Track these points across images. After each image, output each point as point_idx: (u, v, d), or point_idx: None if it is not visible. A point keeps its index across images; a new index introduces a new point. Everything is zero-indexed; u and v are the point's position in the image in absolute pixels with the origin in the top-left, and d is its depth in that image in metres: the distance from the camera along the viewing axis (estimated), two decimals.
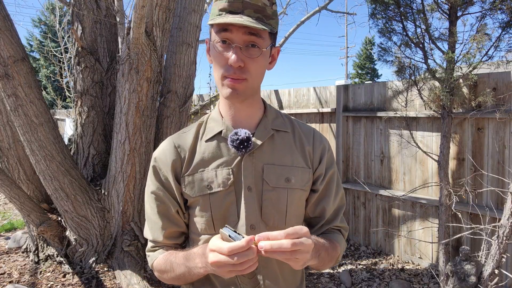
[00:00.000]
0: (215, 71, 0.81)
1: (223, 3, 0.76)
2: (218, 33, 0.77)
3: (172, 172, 0.86)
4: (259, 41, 0.77)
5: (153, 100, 3.16)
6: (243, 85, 0.79)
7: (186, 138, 0.89)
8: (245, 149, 0.82)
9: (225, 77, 0.78)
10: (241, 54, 0.76)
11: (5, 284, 2.94)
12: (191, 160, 0.86)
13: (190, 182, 0.85)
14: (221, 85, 0.81)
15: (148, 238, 0.91)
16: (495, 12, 2.76)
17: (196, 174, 0.85)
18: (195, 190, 0.84)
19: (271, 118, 0.91)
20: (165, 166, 0.86)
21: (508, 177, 2.83)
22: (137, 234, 3.24)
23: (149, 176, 0.90)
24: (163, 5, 2.93)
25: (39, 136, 2.86)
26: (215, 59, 0.80)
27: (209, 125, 0.89)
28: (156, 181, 0.87)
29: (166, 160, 0.87)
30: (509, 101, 2.93)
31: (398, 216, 3.75)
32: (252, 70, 0.79)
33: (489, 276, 2.25)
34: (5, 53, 2.71)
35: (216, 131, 0.86)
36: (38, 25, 19.77)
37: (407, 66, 3.11)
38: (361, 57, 28.20)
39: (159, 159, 0.88)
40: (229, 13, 0.75)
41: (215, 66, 0.81)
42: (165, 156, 0.87)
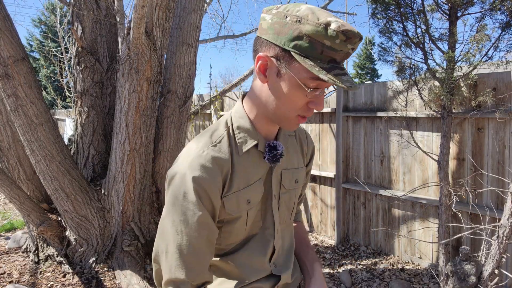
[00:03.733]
0: (284, 106, 0.75)
1: (331, 51, 0.68)
2: (312, 80, 0.70)
3: (218, 193, 0.76)
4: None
5: (153, 100, 3.16)
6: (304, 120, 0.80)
7: (222, 151, 0.78)
8: (279, 161, 0.84)
9: (299, 116, 0.76)
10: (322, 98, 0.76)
11: (5, 284, 2.94)
12: (232, 176, 0.78)
13: (232, 201, 0.79)
14: (288, 119, 0.77)
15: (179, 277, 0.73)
16: (495, 12, 2.76)
17: (238, 191, 0.79)
18: (238, 208, 0.80)
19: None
20: (212, 188, 0.74)
21: (508, 177, 2.83)
22: (137, 234, 3.24)
23: (189, 201, 0.72)
24: (163, 5, 2.93)
25: (39, 136, 2.86)
26: (292, 97, 0.73)
27: (240, 135, 0.81)
28: (203, 207, 0.73)
29: (209, 181, 0.74)
30: (509, 101, 2.93)
31: (398, 216, 3.75)
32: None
33: (489, 276, 2.25)
34: (5, 53, 2.71)
35: (251, 143, 0.81)
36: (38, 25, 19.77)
37: (407, 66, 3.12)
38: (361, 57, 28.20)
39: (202, 180, 0.73)
40: (331, 62, 0.69)
41: (288, 103, 0.74)
42: (209, 176, 0.74)
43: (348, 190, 4.17)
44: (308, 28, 0.66)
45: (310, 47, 0.67)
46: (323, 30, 0.65)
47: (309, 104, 0.73)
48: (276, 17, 0.71)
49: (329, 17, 0.67)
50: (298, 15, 0.68)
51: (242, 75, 5.46)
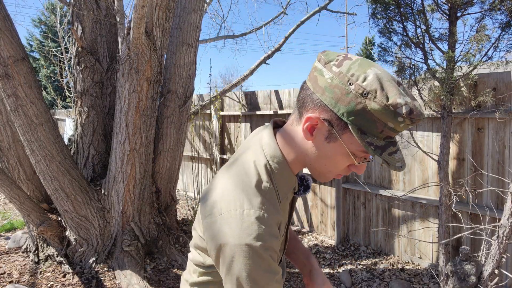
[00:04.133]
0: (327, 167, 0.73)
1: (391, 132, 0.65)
2: (363, 152, 0.68)
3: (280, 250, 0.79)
4: None
5: (153, 100, 3.16)
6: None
7: (275, 207, 0.72)
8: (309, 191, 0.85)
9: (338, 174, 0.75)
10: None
11: (5, 284, 2.94)
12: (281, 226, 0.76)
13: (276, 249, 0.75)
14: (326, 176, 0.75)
15: None
16: (495, 12, 2.76)
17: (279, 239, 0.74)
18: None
19: None
20: (278, 249, 0.71)
21: (508, 177, 2.83)
22: (137, 234, 3.24)
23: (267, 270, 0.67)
24: (163, 5, 2.93)
25: (39, 136, 2.86)
26: (338, 162, 0.71)
27: (282, 185, 0.76)
28: (277, 266, 0.70)
29: (276, 239, 0.69)
30: (509, 101, 2.93)
31: (398, 216, 3.75)
32: None
33: (489, 276, 2.25)
34: (5, 53, 2.71)
35: (291, 189, 0.78)
36: (38, 25, 19.77)
37: (407, 66, 3.12)
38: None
39: (272, 244, 0.68)
40: (386, 139, 0.66)
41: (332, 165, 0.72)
42: (275, 236, 0.69)
43: (348, 190, 4.17)
44: (374, 107, 0.62)
45: (371, 125, 0.64)
46: (391, 114, 0.62)
47: (351, 167, 0.72)
48: (338, 80, 0.64)
49: (398, 98, 0.62)
50: (364, 87, 0.62)
51: (242, 75, 5.46)
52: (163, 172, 3.51)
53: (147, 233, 3.35)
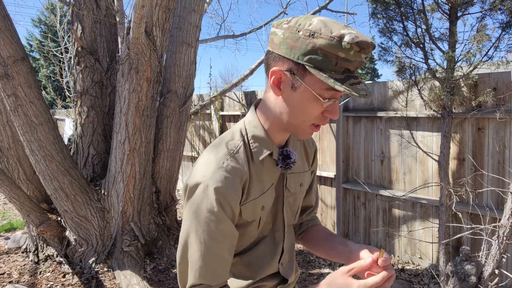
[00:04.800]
0: (299, 116, 0.77)
1: (345, 63, 0.69)
2: (327, 90, 0.72)
3: (238, 202, 0.79)
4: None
5: (153, 100, 3.16)
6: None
7: (240, 161, 0.80)
8: (291, 167, 0.86)
9: (314, 124, 0.78)
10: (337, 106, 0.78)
11: (5, 284, 2.94)
12: (250, 185, 0.81)
13: (249, 208, 0.82)
14: (302, 129, 0.79)
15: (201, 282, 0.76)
16: (495, 12, 2.76)
17: (254, 199, 0.82)
18: (253, 214, 0.84)
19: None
20: (233, 198, 0.76)
21: (508, 177, 2.82)
22: (137, 234, 3.24)
23: (212, 212, 0.74)
24: (163, 5, 2.92)
25: (38, 136, 2.86)
26: (308, 108, 0.75)
27: (255, 145, 0.83)
28: (226, 216, 0.76)
29: (231, 193, 0.76)
30: (509, 101, 2.93)
31: (398, 216, 3.74)
32: None
33: (489, 276, 2.25)
34: (5, 53, 2.71)
35: (266, 152, 0.83)
36: (38, 25, 19.77)
37: (407, 66, 3.11)
38: None
39: (225, 191, 0.75)
40: (345, 72, 0.71)
41: (303, 113, 0.76)
42: (231, 186, 0.76)
43: (348, 190, 4.17)
44: (321, 42, 0.68)
45: (324, 60, 0.69)
46: (337, 43, 0.67)
47: (324, 113, 0.75)
48: (288, 32, 0.72)
49: (342, 30, 0.68)
50: (310, 29, 0.69)
51: (242, 75, 5.45)
52: (163, 172, 3.51)
53: (147, 233, 3.35)
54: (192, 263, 0.77)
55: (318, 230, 1.07)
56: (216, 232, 0.75)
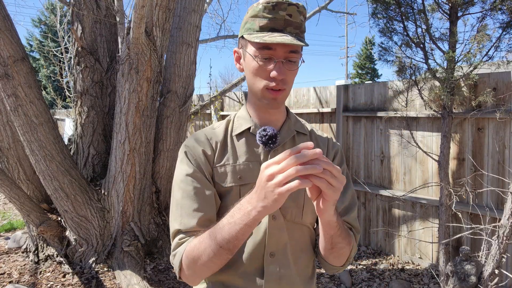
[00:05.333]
0: (254, 82, 0.86)
1: (265, 20, 0.80)
2: (260, 49, 0.81)
3: (205, 159, 0.89)
4: (297, 56, 0.84)
5: (153, 100, 3.16)
6: (283, 95, 0.87)
7: (217, 132, 0.94)
8: (273, 144, 0.87)
9: (267, 88, 0.84)
10: (283, 68, 0.82)
11: (5, 284, 2.94)
12: (223, 152, 0.91)
13: (222, 173, 0.89)
14: (261, 95, 0.86)
15: (175, 228, 0.85)
16: (495, 12, 2.76)
17: (228, 165, 0.89)
18: (228, 180, 0.88)
19: (293, 121, 0.99)
20: (198, 153, 0.89)
21: (508, 177, 2.82)
22: (137, 234, 3.24)
23: (181, 162, 0.90)
24: (163, 5, 2.93)
25: (39, 136, 2.86)
26: (255, 72, 0.85)
27: (238, 122, 0.94)
28: (192, 164, 0.88)
29: (198, 147, 0.90)
30: (509, 101, 2.93)
31: (398, 216, 3.74)
32: (289, 81, 0.86)
33: (489, 276, 2.25)
34: (5, 53, 2.71)
35: (245, 127, 0.92)
36: (38, 25, 19.77)
37: (407, 66, 3.11)
38: (361, 57, 28.19)
39: (191, 146, 0.90)
40: (271, 31, 0.80)
41: (254, 77, 0.86)
42: (198, 144, 0.91)
43: None
44: (250, 13, 0.83)
45: (253, 24, 0.82)
46: (256, 8, 0.81)
47: (271, 74, 0.82)
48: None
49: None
50: (249, 8, 0.84)
51: (242, 75, 5.45)
52: (163, 172, 3.51)
53: (147, 233, 3.35)
54: (171, 209, 0.88)
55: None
56: (183, 178, 0.86)
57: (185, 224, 0.84)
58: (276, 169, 0.63)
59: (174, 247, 0.85)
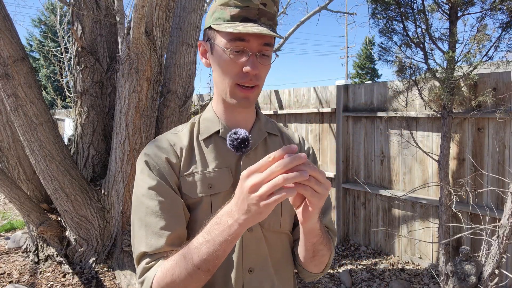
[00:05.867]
0: (223, 78, 0.78)
1: (236, 9, 0.73)
2: (232, 41, 0.74)
3: (169, 168, 0.79)
4: (270, 49, 0.77)
5: (153, 100, 3.16)
6: (255, 93, 0.79)
7: (181, 137, 0.84)
8: (245, 148, 0.80)
9: (238, 85, 0.76)
10: (257, 62, 0.75)
11: (5, 284, 2.94)
12: (189, 159, 0.81)
13: (191, 182, 0.79)
14: (230, 93, 0.78)
15: (141, 251, 0.73)
16: (495, 12, 2.76)
17: (197, 174, 0.80)
18: (197, 191, 0.79)
19: (264, 121, 0.91)
20: (161, 162, 0.79)
21: (508, 177, 2.82)
22: None
23: (141, 173, 0.79)
24: (163, 5, 2.93)
25: (39, 136, 2.86)
26: (225, 66, 0.76)
27: (204, 125, 0.85)
28: (154, 175, 0.77)
29: (161, 155, 0.80)
30: (509, 101, 2.93)
31: (398, 216, 3.74)
32: (262, 77, 0.79)
33: (489, 276, 2.25)
34: (5, 53, 2.71)
35: (213, 130, 0.83)
36: (38, 25, 19.77)
37: (407, 66, 3.11)
38: (361, 57, 28.20)
39: (153, 154, 0.80)
40: (244, 21, 0.73)
41: (223, 73, 0.77)
42: (160, 151, 0.81)
43: (348, 190, 4.17)
44: (219, 1, 0.76)
45: (222, 14, 0.74)
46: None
47: (244, 69, 0.74)
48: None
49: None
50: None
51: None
52: None
53: None
54: (133, 231, 0.76)
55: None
56: (145, 192, 0.76)
57: (152, 245, 0.73)
58: (259, 178, 0.54)
59: (140, 273, 0.73)
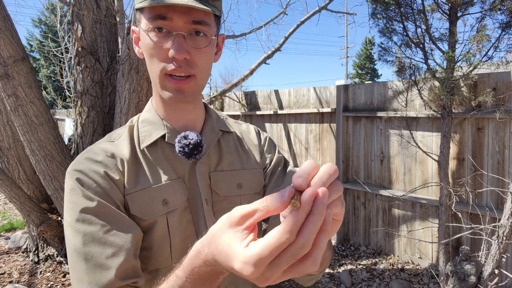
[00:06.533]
0: (150, 67, 0.65)
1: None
2: (152, 20, 0.61)
3: (111, 185, 0.63)
4: (206, 29, 0.63)
5: None
6: (192, 84, 0.65)
7: (118, 146, 0.68)
8: (198, 155, 0.67)
9: (167, 74, 0.64)
10: (186, 44, 0.62)
11: (5, 284, 2.94)
12: (135, 173, 0.66)
13: (140, 201, 0.64)
14: (160, 85, 0.65)
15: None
16: (495, 12, 2.76)
17: (147, 190, 0.65)
18: (150, 209, 0.64)
19: (215, 118, 0.78)
20: (99, 178, 0.62)
21: (508, 177, 2.83)
22: None
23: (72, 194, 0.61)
24: None
25: (39, 136, 2.86)
26: (149, 52, 0.64)
27: (145, 129, 0.71)
28: (91, 195, 0.60)
29: (97, 169, 0.63)
30: (509, 101, 2.93)
31: (398, 216, 3.75)
32: (200, 64, 0.64)
33: (489, 276, 2.25)
34: (5, 53, 2.71)
35: (156, 135, 0.69)
36: (38, 25, 19.77)
37: (407, 66, 3.12)
38: (361, 57, 28.21)
39: (86, 169, 0.62)
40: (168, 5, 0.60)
41: (150, 61, 0.65)
42: (95, 165, 0.63)
43: (348, 190, 4.17)
44: None
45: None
46: None
47: (169, 53, 0.61)
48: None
49: None
50: None
51: (242, 75, 5.45)
52: None
53: None
54: (71, 265, 0.59)
55: None
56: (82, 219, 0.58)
57: (98, 281, 0.55)
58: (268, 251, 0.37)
59: None
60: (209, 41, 0.64)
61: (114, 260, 0.56)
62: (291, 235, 0.36)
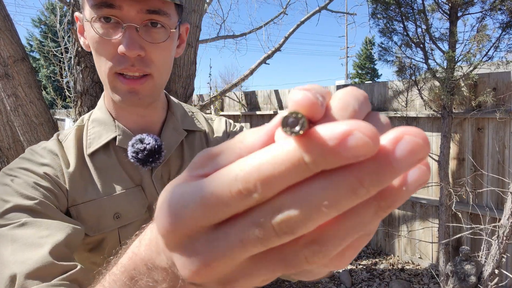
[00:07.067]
0: (97, 64, 0.56)
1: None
2: (96, 8, 0.51)
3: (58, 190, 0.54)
4: (164, 20, 0.53)
5: None
6: (147, 85, 0.55)
7: (65, 149, 0.59)
8: (155, 162, 0.57)
9: (118, 73, 0.54)
10: (139, 38, 0.52)
11: None
12: (81, 181, 0.57)
13: (87, 214, 0.55)
14: (110, 86, 0.55)
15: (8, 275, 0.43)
16: (495, 12, 2.76)
17: (95, 201, 0.56)
18: (98, 224, 0.56)
19: (180, 116, 0.67)
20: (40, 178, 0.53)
21: (508, 177, 2.83)
22: None
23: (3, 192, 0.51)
24: None
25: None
26: (94, 46, 0.54)
27: (94, 130, 0.61)
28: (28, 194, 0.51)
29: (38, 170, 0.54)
30: (509, 101, 2.93)
31: (398, 216, 3.75)
32: (157, 61, 0.55)
33: (489, 276, 2.25)
34: (5, 53, 2.71)
35: (106, 138, 0.59)
36: (38, 25, 19.78)
37: (407, 66, 3.12)
38: (361, 57, 28.21)
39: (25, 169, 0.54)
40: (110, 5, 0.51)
41: (96, 57, 0.55)
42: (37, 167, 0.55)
43: None
44: None
45: None
46: None
47: (118, 49, 0.52)
48: None
49: None
50: None
51: (242, 75, 5.45)
52: None
53: None
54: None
55: None
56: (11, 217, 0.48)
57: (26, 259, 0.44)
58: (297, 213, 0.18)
59: None
60: (168, 34, 0.54)
61: (48, 239, 0.46)
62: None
